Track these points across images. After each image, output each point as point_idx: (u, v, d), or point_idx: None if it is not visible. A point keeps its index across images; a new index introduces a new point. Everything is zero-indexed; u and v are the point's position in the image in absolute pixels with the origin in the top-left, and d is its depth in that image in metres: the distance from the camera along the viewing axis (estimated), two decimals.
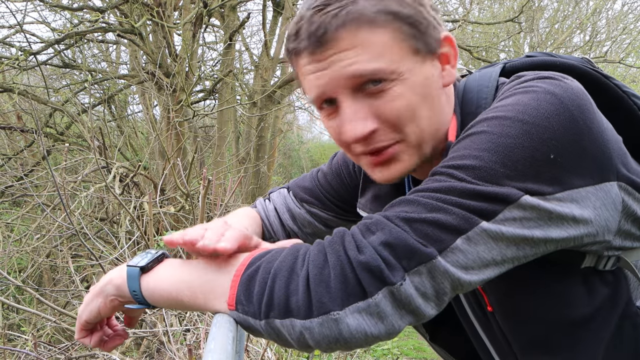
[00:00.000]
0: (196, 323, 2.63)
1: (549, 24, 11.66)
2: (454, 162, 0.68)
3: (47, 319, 2.78)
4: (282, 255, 0.68)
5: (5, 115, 6.45)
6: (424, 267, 0.63)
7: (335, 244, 0.66)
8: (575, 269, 0.75)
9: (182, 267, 0.75)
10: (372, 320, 0.62)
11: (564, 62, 0.82)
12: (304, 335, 0.63)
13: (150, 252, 0.80)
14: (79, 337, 0.83)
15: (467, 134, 0.71)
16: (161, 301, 0.75)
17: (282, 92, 8.16)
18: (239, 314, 0.67)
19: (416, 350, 4.94)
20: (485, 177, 0.65)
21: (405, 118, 0.76)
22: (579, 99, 0.68)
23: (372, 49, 0.73)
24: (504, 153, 0.65)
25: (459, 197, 0.65)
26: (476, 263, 0.64)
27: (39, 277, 4.76)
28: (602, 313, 0.76)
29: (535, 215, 0.65)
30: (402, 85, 0.74)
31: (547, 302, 0.77)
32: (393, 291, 0.62)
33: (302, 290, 0.63)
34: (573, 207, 0.66)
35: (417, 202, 0.66)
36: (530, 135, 0.65)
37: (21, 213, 4.83)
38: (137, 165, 4.54)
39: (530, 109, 0.67)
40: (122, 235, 3.94)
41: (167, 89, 5.27)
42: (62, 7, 6.56)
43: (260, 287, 0.66)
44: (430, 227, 0.64)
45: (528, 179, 0.65)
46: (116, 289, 0.78)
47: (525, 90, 0.70)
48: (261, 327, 0.66)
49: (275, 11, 8.68)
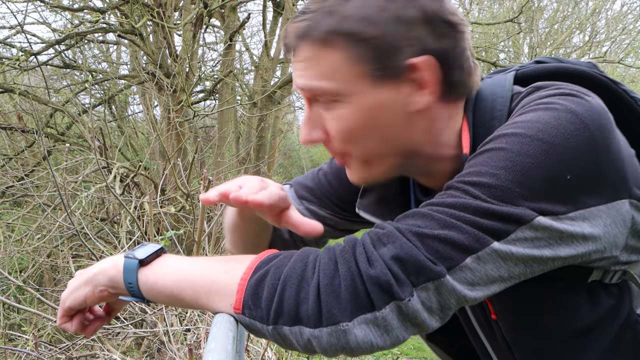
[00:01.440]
0: (197, 323, 2.64)
1: (548, 25, 11.66)
2: (470, 179, 0.67)
3: (47, 318, 2.78)
4: (291, 260, 0.68)
5: (6, 116, 6.45)
6: (431, 284, 0.63)
7: (346, 253, 0.66)
8: (582, 283, 0.75)
9: (185, 265, 0.74)
10: (378, 331, 0.63)
11: (575, 70, 0.80)
12: (312, 342, 0.64)
13: (146, 244, 0.78)
14: (61, 322, 0.81)
15: (485, 149, 0.69)
16: (160, 297, 0.74)
17: (282, 92, 8.17)
18: (245, 318, 0.67)
19: (416, 350, 4.95)
20: (500, 196, 0.64)
21: (345, 139, 0.77)
22: (600, 118, 0.67)
23: (320, 67, 0.73)
24: (521, 172, 0.64)
25: (473, 215, 0.64)
26: (483, 280, 0.65)
27: (40, 277, 4.77)
28: (604, 323, 0.76)
29: (546, 236, 0.65)
30: (346, 108, 0.74)
31: (551, 313, 0.77)
32: (400, 306, 0.62)
33: (313, 299, 0.63)
34: (584, 225, 0.66)
35: (431, 216, 0.66)
36: (548, 155, 0.64)
37: (22, 213, 4.83)
38: (137, 166, 4.55)
39: (551, 128, 0.66)
40: (123, 236, 3.95)
41: (167, 90, 5.28)
42: (62, 7, 6.57)
43: (269, 292, 0.65)
44: (442, 245, 0.64)
45: (543, 200, 0.64)
46: (109, 279, 0.75)
47: (547, 107, 0.69)
48: (268, 331, 0.66)
49: (276, 12, 8.69)
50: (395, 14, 0.71)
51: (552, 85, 0.74)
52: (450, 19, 0.73)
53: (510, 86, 0.80)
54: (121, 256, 0.76)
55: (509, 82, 0.81)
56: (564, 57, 0.89)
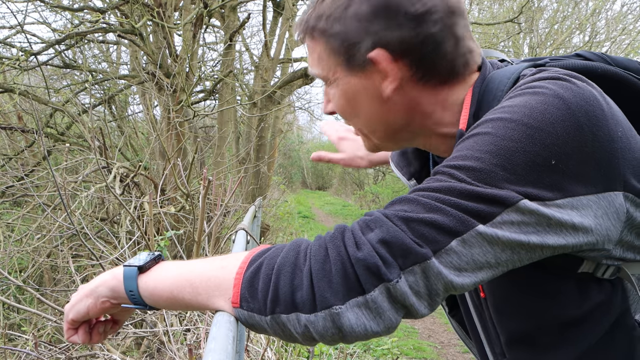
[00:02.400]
0: (196, 323, 2.64)
1: (548, 25, 11.67)
2: (456, 162, 0.68)
3: (47, 318, 2.78)
4: (284, 251, 0.69)
5: (6, 116, 6.45)
6: (418, 267, 0.64)
7: (335, 239, 0.68)
8: (571, 272, 0.75)
9: (183, 266, 0.76)
10: (370, 314, 0.64)
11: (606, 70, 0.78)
12: (309, 329, 0.65)
13: (144, 253, 0.81)
14: (68, 336, 0.83)
15: (472, 134, 0.71)
16: (161, 301, 0.76)
17: (282, 92, 8.17)
18: (244, 311, 0.68)
19: (416, 350, 4.95)
20: (485, 179, 0.65)
21: (342, 115, 0.90)
22: (587, 104, 0.67)
23: (313, 56, 0.86)
24: (505, 156, 0.65)
25: (457, 197, 0.65)
26: (470, 265, 0.65)
27: (40, 277, 4.77)
28: (592, 318, 0.76)
29: (533, 220, 0.65)
30: (335, 89, 0.86)
31: (537, 300, 0.78)
32: (389, 288, 0.63)
33: (307, 284, 0.65)
34: (573, 214, 0.66)
35: (417, 201, 0.67)
36: (533, 139, 0.65)
37: (22, 213, 4.83)
38: (137, 166, 4.55)
39: (536, 113, 0.66)
40: (123, 235, 3.95)
41: (167, 90, 5.28)
42: (62, 7, 6.58)
43: (264, 283, 0.67)
44: (427, 228, 0.64)
45: (528, 184, 0.65)
46: (110, 290, 0.78)
47: (534, 91, 0.70)
48: (267, 322, 0.67)
49: (276, 12, 8.69)
50: (354, 11, 0.78)
51: (551, 70, 0.75)
52: (412, 9, 0.76)
53: (521, 69, 0.80)
54: (120, 267, 0.78)
55: (523, 66, 0.81)
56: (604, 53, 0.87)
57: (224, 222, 4.72)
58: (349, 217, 13.84)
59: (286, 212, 8.70)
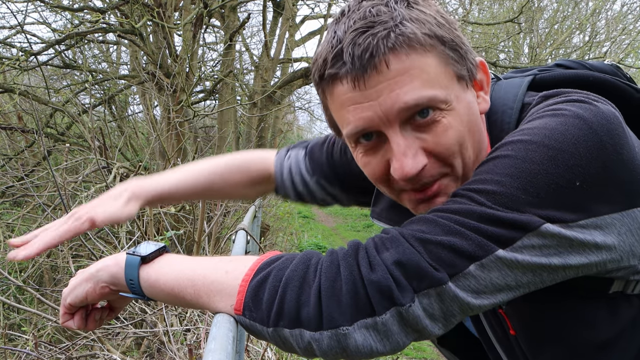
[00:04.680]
0: (197, 323, 2.64)
1: (548, 25, 11.66)
2: (476, 186, 0.66)
3: (47, 318, 2.78)
4: (293, 263, 0.68)
5: (6, 116, 6.45)
6: (433, 291, 0.62)
7: (349, 257, 0.66)
8: (603, 294, 0.73)
9: (187, 264, 0.74)
10: (378, 337, 0.63)
11: (597, 78, 0.78)
12: (312, 345, 0.64)
13: (150, 243, 0.79)
14: (63, 320, 0.82)
15: (491, 157, 0.68)
16: (161, 295, 0.74)
17: (282, 92, 8.17)
18: (245, 319, 0.67)
19: (416, 350, 4.95)
20: (505, 203, 0.63)
21: (455, 151, 0.72)
22: (609, 123, 0.65)
23: (424, 76, 0.68)
24: (526, 179, 0.63)
25: (477, 221, 0.63)
26: (488, 288, 0.63)
27: (40, 277, 4.77)
28: (624, 335, 0.74)
29: (555, 243, 0.63)
30: (450, 115, 0.70)
31: (571, 325, 0.75)
32: (401, 312, 0.62)
33: (314, 302, 0.63)
34: (596, 234, 0.64)
35: (435, 222, 0.65)
36: (555, 161, 0.63)
37: (22, 213, 4.83)
38: (137, 166, 4.54)
39: (557, 134, 0.64)
40: (123, 235, 3.94)
41: (167, 90, 5.28)
42: (62, 7, 6.58)
43: (270, 294, 0.65)
44: (445, 251, 0.63)
45: (550, 206, 0.63)
46: (111, 276, 0.76)
47: (554, 113, 0.68)
48: (268, 333, 0.66)
49: (276, 12, 8.69)
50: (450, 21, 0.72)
51: (561, 93, 0.73)
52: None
53: (521, 96, 0.78)
54: (123, 253, 0.77)
55: (522, 90, 0.79)
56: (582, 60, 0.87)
57: (224, 222, 4.71)
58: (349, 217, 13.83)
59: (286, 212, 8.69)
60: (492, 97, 0.80)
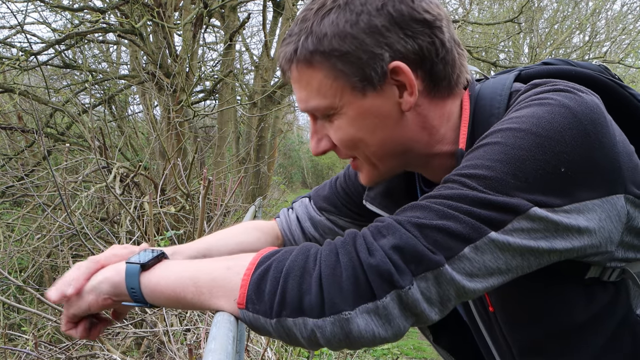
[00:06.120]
0: (197, 323, 2.64)
1: (548, 25, 11.67)
2: (467, 171, 0.69)
3: (47, 318, 2.78)
4: (292, 254, 0.69)
5: (6, 116, 6.45)
6: (430, 274, 0.64)
7: (347, 244, 0.67)
8: (579, 279, 0.76)
9: (186, 265, 0.76)
10: (379, 321, 0.64)
11: (580, 72, 0.82)
12: (315, 333, 0.64)
13: (148, 250, 0.80)
14: (66, 329, 0.82)
15: (482, 144, 0.72)
16: (163, 299, 0.75)
17: (282, 92, 8.17)
18: (249, 313, 0.68)
19: (416, 350, 4.96)
20: (496, 187, 0.66)
21: (349, 147, 0.83)
22: (592, 113, 0.69)
23: (310, 87, 0.79)
24: (515, 165, 0.66)
25: (470, 205, 0.66)
26: (481, 271, 0.66)
27: (40, 277, 4.77)
28: (598, 320, 0.77)
29: (542, 227, 0.66)
30: (341, 118, 0.80)
31: (546, 308, 0.79)
32: (401, 295, 0.63)
33: (315, 289, 0.64)
34: (579, 218, 0.68)
35: (429, 208, 0.67)
36: (542, 148, 0.66)
37: (22, 213, 4.83)
38: (137, 166, 4.55)
39: (544, 122, 0.68)
40: (123, 235, 3.95)
41: (167, 90, 5.28)
42: (62, 7, 6.58)
43: (272, 285, 0.66)
44: (440, 234, 0.65)
45: (538, 191, 0.66)
46: (112, 286, 0.77)
47: (540, 102, 0.71)
48: (272, 325, 0.66)
49: (276, 12, 8.69)
50: (365, 26, 0.75)
51: (548, 82, 0.76)
52: (423, 17, 0.76)
53: (509, 85, 0.82)
54: (122, 263, 0.77)
55: (509, 81, 0.83)
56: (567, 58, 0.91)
57: (224, 222, 4.72)
58: None
59: None
60: (481, 88, 0.84)
